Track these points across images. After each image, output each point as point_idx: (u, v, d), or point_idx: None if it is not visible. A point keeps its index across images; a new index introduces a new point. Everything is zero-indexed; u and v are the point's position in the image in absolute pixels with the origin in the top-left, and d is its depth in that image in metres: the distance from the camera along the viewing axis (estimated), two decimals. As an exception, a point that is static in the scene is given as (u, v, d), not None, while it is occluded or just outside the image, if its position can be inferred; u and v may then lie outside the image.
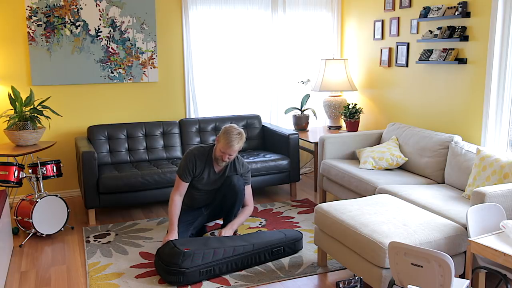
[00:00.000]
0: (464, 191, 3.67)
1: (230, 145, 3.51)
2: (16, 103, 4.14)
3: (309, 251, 3.67)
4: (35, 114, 4.19)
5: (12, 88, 4.20)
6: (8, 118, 4.18)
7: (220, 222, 4.00)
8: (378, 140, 4.80)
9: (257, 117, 5.37)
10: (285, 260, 3.53)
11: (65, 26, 4.73)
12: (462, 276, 2.97)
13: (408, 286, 2.26)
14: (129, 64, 5.01)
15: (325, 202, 3.77)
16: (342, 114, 5.43)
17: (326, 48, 5.87)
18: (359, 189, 4.08)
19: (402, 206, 3.26)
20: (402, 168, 4.37)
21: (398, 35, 4.93)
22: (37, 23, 4.64)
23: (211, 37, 5.32)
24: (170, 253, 3.20)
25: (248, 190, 3.84)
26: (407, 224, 2.95)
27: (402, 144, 4.41)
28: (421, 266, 2.26)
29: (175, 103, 5.27)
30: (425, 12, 4.43)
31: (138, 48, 5.01)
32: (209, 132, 5.13)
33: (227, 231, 3.65)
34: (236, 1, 5.37)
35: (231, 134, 3.53)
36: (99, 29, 4.84)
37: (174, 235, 3.49)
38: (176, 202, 3.61)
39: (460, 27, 4.09)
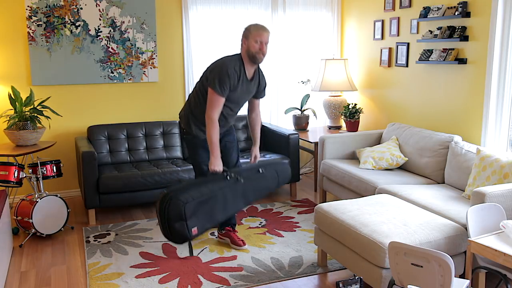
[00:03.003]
0: (464, 191, 3.67)
1: (263, 29, 3.35)
2: (16, 103, 4.14)
3: (309, 251, 3.68)
4: (35, 114, 4.19)
5: (12, 88, 4.20)
6: (8, 118, 4.18)
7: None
8: (378, 140, 4.80)
9: (257, 117, 5.37)
10: (285, 260, 3.53)
11: (65, 26, 4.73)
12: (462, 276, 2.97)
13: (408, 286, 2.26)
14: (129, 64, 5.01)
15: (325, 202, 3.77)
16: (342, 114, 5.43)
17: (326, 48, 5.86)
18: (359, 189, 4.08)
19: (402, 206, 3.26)
20: (402, 168, 4.37)
21: (398, 35, 4.93)
22: (37, 23, 4.64)
23: (211, 37, 5.32)
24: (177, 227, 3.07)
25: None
26: (407, 224, 2.95)
27: (402, 144, 4.41)
28: (421, 266, 2.26)
29: (175, 103, 5.27)
30: (425, 12, 4.43)
31: (138, 48, 5.01)
32: (209, 132, 5.13)
33: (257, 150, 3.75)
34: (236, 1, 5.38)
35: (256, 24, 3.42)
36: (99, 29, 4.84)
37: (220, 162, 3.35)
38: (216, 121, 3.34)
39: (460, 27, 4.09)
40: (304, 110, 5.62)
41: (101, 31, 4.86)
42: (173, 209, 3.01)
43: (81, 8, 4.76)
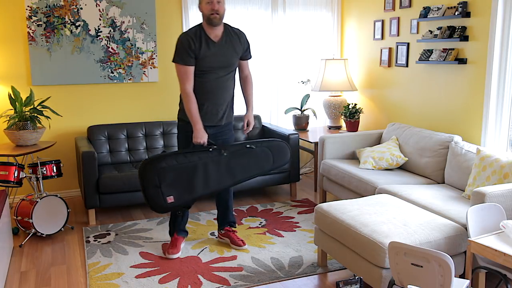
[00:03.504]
0: (464, 191, 3.67)
1: None
2: (16, 103, 4.14)
3: (309, 251, 3.68)
4: (35, 114, 4.19)
5: (12, 88, 4.20)
6: (8, 118, 4.18)
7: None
8: (378, 140, 4.80)
9: (257, 117, 5.37)
10: (285, 260, 3.53)
11: (65, 26, 4.73)
12: (462, 276, 2.97)
13: (408, 286, 2.26)
14: (129, 64, 5.01)
15: (325, 202, 3.77)
16: (342, 114, 5.43)
17: (326, 48, 5.87)
18: (359, 189, 4.08)
19: (402, 206, 3.26)
20: (402, 168, 4.37)
21: (398, 35, 4.93)
22: (37, 23, 4.64)
23: (211, 37, 5.32)
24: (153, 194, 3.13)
25: (248, 62, 3.67)
26: (407, 224, 2.95)
27: (402, 144, 4.41)
28: (421, 266, 2.26)
29: (175, 103, 5.24)
30: (425, 12, 4.43)
31: (138, 48, 5.01)
32: (209, 132, 5.13)
33: (251, 115, 3.65)
34: (236, 1, 5.38)
35: None
36: (99, 29, 4.84)
37: (204, 132, 3.35)
38: (191, 94, 3.33)
39: (460, 27, 4.09)
40: (304, 110, 5.62)
41: (101, 31, 4.86)
42: (148, 175, 3.08)
43: (81, 8, 4.76)
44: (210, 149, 3.30)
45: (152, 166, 3.10)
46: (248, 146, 3.38)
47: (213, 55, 3.40)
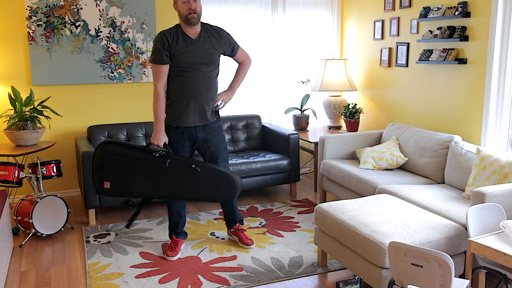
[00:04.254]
0: (464, 191, 3.67)
1: None
2: (16, 103, 4.14)
3: (309, 251, 3.68)
4: (35, 114, 4.19)
5: (12, 88, 4.20)
6: (8, 118, 4.18)
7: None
8: (378, 140, 4.80)
9: (257, 117, 5.37)
10: (285, 260, 3.53)
11: (65, 26, 4.73)
12: (462, 276, 2.97)
13: (408, 286, 2.26)
14: (129, 64, 5.01)
15: (325, 202, 3.77)
16: (342, 114, 5.43)
17: (326, 48, 5.87)
18: (359, 189, 4.08)
19: (402, 206, 3.26)
20: (402, 168, 4.37)
21: (398, 35, 4.93)
22: (37, 23, 4.64)
23: (211, 37, 5.32)
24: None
25: (241, 50, 3.63)
26: (407, 224, 2.95)
27: (402, 144, 4.41)
28: (421, 266, 2.26)
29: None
30: (425, 12, 4.43)
31: (138, 48, 5.01)
32: (209, 132, 5.13)
33: (228, 94, 3.56)
34: (236, 1, 5.38)
35: None
36: (99, 29, 4.84)
37: (163, 135, 3.39)
38: (161, 94, 3.38)
39: (460, 27, 4.09)
40: (304, 110, 5.62)
41: (101, 31, 4.86)
42: (96, 155, 3.29)
43: (81, 8, 4.76)
44: (155, 154, 3.28)
45: (102, 148, 3.28)
46: (193, 166, 3.29)
47: (192, 50, 3.39)
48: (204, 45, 3.42)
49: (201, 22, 3.46)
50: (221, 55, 3.55)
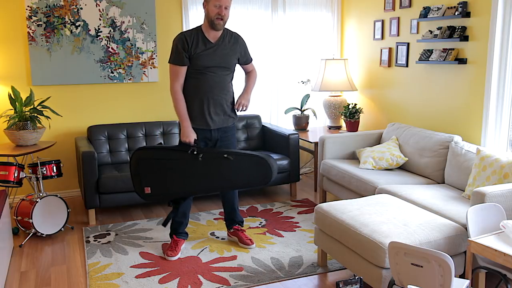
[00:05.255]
0: (464, 191, 3.67)
1: None
2: (16, 103, 4.14)
3: (309, 251, 3.68)
4: (35, 114, 4.19)
5: (12, 88, 4.19)
6: (8, 118, 4.18)
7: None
8: (378, 140, 4.80)
9: (257, 117, 5.37)
10: (285, 260, 3.53)
11: (65, 26, 4.73)
12: (462, 276, 2.97)
13: (408, 286, 2.26)
14: (129, 64, 5.01)
15: (325, 202, 3.77)
16: (342, 114, 5.43)
17: (326, 48, 5.87)
18: (359, 189, 4.08)
19: (402, 206, 3.26)
20: (402, 168, 4.37)
21: (398, 35, 4.93)
22: (37, 23, 4.64)
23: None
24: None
25: (252, 63, 3.69)
26: (407, 224, 2.95)
27: (402, 144, 4.41)
28: (421, 266, 2.26)
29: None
30: (425, 12, 4.43)
31: (138, 48, 5.01)
32: (209, 132, 5.13)
33: (245, 97, 3.56)
34: (236, 1, 5.38)
35: None
36: (99, 29, 4.84)
37: (191, 132, 3.40)
38: (180, 94, 3.41)
39: (460, 27, 4.09)
40: (304, 110, 5.62)
41: (101, 31, 4.86)
42: (132, 163, 3.31)
43: (81, 8, 4.76)
44: (190, 151, 3.31)
45: (137, 155, 3.31)
46: (225, 156, 3.32)
47: (210, 54, 3.42)
48: (222, 50, 3.46)
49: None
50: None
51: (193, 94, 3.45)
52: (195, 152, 3.30)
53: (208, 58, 3.41)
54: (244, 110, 3.59)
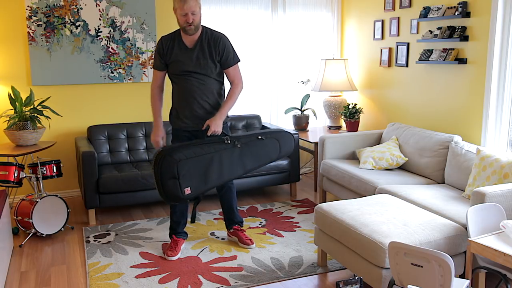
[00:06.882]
0: (464, 191, 3.67)
1: (183, 1, 3.27)
2: (16, 103, 4.14)
3: (309, 251, 3.68)
4: (35, 114, 4.19)
5: (12, 88, 4.19)
6: (8, 118, 4.18)
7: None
8: (378, 140, 4.80)
9: (257, 117, 5.37)
10: (285, 260, 3.53)
11: (65, 26, 4.73)
12: (462, 276, 2.97)
13: (408, 286, 2.26)
14: (129, 64, 5.01)
15: (325, 202, 3.77)
16: (342, 114, 5.43)
17: (326, 48, 5.87)
18: (359, 189, 4.08)
19: (402, 206, 3.26)
20: (402, 168, 4.37)
21: (398, 35, 4.93)
22: (37, 23, 4.63)
23: (211, 37, 5.32)
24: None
25: (236, 69, 3.54)
26: (407, 224, 2.95)
27: (402, 144, 4.41)
28: (421, 266, 2.26)
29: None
30: (425, 12, 4.43)
31: (138, 48, 5.01)
32: (209, 132, 5.13)
33: (215, 121, 3.40)
34: (236, 1, 5.37)
35: None
36: (99, 29, 4.84)
37: (161, 131, 3.58)
38: (154, 94, 3.57)
39: (460, 27, 4.09)
40: (304, 110, 5.62)
41: (101, 31, 4.85)
42: (166, 167, 3.10)
43: (81, 8, 4.76)
44: (225, 141, 3.35)
45: (171, 158, 3.12)
46: (259, 137, 3.46)
47: (185, 59, 3.44)
48: (198, 54, 3.43)
49: (204, 27, 3.48)
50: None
51: (176, 98, 3.56)
52: (229, 141, 3.35)
53: (183, 63, 3.44)
54: (216, 134, 3.44)
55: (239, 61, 3.57)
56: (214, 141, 3.36)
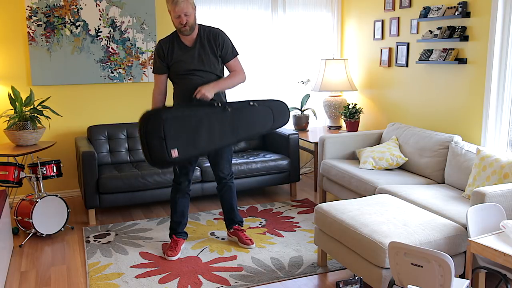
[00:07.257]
0: (464, 191, 3.67)
1: (175, 3, 3.25)
2: (16, 103, 4.14)
3: (309, 251, 3.68)
4: (35, 114, 4.19)
5: (12, 88, 4.19)
6: (8, 118, 4.18)
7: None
8: (378, 140, 4.80)
9: (257, 117, 5.36)
10: (285, 260, 3.53)
11: (65, 26, 4.73)
12: (462, 276, 2.97)
13: (408, 286, 2.26)
14: (129, 64, 5.01)
15: (325, 202, 3.77)
16: (342, 114, 5.43)
17: (326, 48, 5.87)
18: (359, 189, 4.08)
19: (402, 206, 3.26)
20: (402, 168, 4.37)
21: (398, 35, 4.93)
22: (37, 23, 4.64)
23: (211, 37, 5.32)
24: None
25: (236, 61, 3.54)
26: (407, 224, 2.95)
27: (402, 144, 4.41)
28: (421, 266, 2.26)
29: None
30: (425, 12, 4.43)
31: (138, 48, 5.01)
32: (209, 132, 5.13)
33: (208, 89, 3.32)
34: (236, 1, 5.38)
35: None
36: (99, 29, 4.84)
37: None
38: (157, 101, 3.53)
39: (460, 27, 4.09)
40: (304, 110, 5.62)
41: (101, 31, 4.86)
42: (152, 125, 2.99)
43: (81, 8, 4.76)
44: (215, 105, 3.29)
45: (157, 116, 3.01)
46: (251, 103, 3.41)
47: (187, 58, 3.44)
48: (199, 51, 3.45)
49: (200, 25, 3.48)
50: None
51: (180, 98, 3.51)
52: (219, 105, 3.27)
53: (186, 62, 3.43)
54: (204, 99, 3.34)
55: (238, 54, 3.59)
56: (203, 104, 3.30)
